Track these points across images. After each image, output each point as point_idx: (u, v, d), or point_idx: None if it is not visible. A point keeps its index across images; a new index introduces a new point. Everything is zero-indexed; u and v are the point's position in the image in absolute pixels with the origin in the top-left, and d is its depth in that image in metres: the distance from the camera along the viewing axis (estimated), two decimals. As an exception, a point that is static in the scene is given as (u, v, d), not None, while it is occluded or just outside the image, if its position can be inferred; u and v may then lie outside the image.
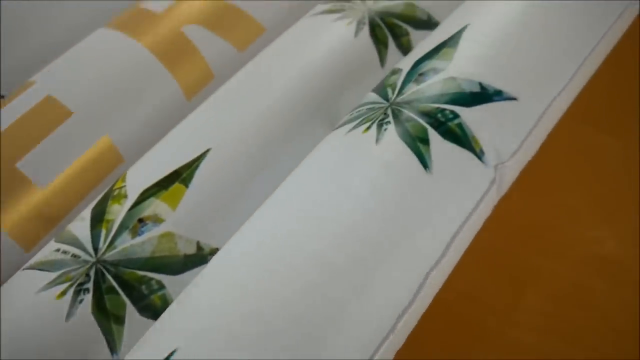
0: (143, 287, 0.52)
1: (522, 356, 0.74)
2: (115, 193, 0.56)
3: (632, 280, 0.78)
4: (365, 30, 0.70)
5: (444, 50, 0.60)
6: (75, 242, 0.54)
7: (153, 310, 0.51)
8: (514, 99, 0.57)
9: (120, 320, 0.50)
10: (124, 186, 0.57)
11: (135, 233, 0.53)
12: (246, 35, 0.73)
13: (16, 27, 0.75)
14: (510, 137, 0.57)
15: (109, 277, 0.51)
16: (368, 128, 0.55)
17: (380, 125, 0.55)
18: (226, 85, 0.67)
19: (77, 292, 0.51)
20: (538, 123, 0.59)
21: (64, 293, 0.51)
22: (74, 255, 0.53)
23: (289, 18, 0.75)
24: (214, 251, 0.54)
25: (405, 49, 0.71)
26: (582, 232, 0.83)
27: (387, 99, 0.58)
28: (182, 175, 0.57)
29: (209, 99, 0.66)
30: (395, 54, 0.71)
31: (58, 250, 0.54)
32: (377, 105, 0.58)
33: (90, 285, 0.51)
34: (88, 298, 0.51)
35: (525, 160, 0.60)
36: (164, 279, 0.52)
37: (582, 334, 0.75)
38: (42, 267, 0.53)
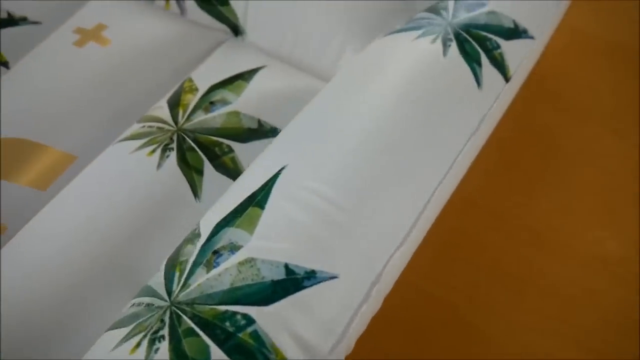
0: None
1: (523, 356, 0.73)
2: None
3: (632, 281, 0.77)
4: (172, 157, 0.59)
5: (249, 211, 0.47)
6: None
7: None
8: (334, 277, 0.45)
9: None
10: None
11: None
12: (48, 171, 0.62)
13: None
14: (329, 326, 0.44)
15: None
16: (137, 345, 0.43)
17: (152, 341, 0.43)
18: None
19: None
20: (369, 294, 0.47)
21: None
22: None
23: (101, 141, 0.64)
24: None
25: (228, 170, 0.60)
26: (582, 233, 0.82)
27: (170, 294, 0.46)
28: None
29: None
30: (215, 179, 0.59)
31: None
32: (156, 303, 0.45)
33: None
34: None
35: (355, 336, 0.48)
36: None
37: (583, 334, 0.74)
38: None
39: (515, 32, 0.59)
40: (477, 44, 0.57)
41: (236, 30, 0.74)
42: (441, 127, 0.53)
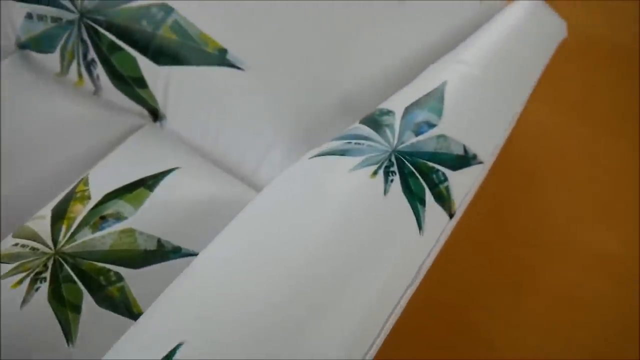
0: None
1: (522, 356, 0.72)
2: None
3: (633, 281, 0.77)
4: (43, 290, 0.49)
5: None
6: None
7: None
8: None
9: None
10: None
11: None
12: None
13: None
14: None
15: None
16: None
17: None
18: None
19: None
20: None
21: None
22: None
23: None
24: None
25: (114, 303, 0.50)
26: (583, 233, 0.82)
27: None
28: None
29: None
30: (95, 317, 0.50)
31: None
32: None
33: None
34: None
35: None
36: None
37: (583, 334, 0.74)
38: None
39: (464, 161, 0.51)
40: (423, 178, 0.49)
41: (156, 115, 0.64)
42: (375, 281, 0.45)
